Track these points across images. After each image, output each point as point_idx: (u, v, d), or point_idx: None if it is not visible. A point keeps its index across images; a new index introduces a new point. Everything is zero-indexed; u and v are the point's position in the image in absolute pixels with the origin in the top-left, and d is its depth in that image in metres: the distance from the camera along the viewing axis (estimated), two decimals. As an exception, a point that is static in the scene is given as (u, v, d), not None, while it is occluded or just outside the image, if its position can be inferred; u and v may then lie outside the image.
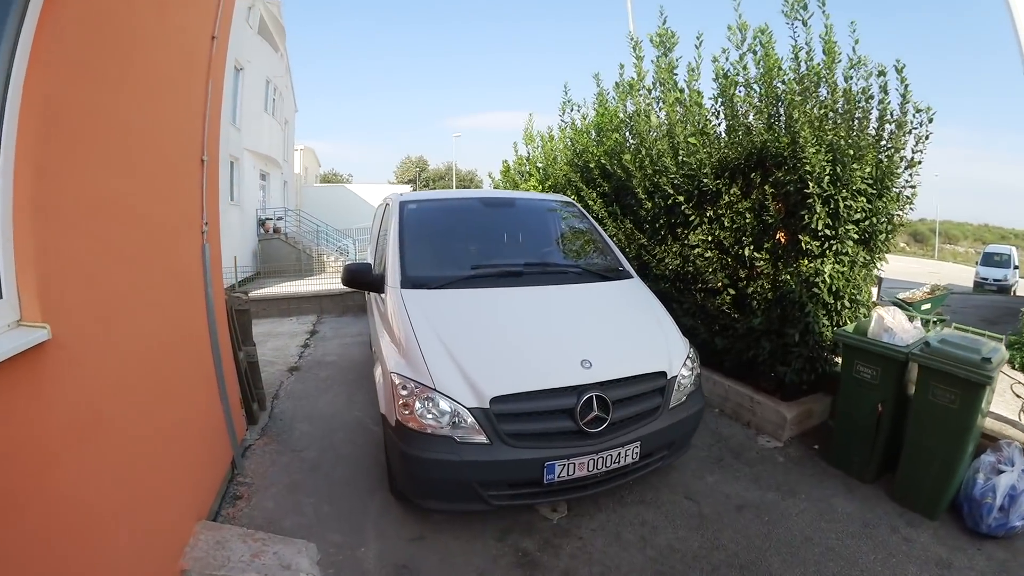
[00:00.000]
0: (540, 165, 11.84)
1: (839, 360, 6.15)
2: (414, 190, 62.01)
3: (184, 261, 4.71)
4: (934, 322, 6.88)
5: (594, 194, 8.92)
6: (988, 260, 35.04)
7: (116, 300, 3.38)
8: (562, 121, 11.00)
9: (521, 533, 4.64)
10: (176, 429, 4.18)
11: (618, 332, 5.06)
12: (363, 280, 5.67)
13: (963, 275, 36.34)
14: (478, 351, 4.46)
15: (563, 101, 10.84)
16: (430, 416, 4.12)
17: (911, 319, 5.41)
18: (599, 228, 6.88)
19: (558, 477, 4.16)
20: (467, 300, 5.12)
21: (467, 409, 4.07)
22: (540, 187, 11.28)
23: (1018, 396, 6.03)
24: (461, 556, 4.37)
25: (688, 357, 4.99)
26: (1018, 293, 32.12)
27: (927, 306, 10.17)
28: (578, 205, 7.47)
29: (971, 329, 5.95)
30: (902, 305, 8.05)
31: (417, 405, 4.15)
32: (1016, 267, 34.47)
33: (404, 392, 4.21)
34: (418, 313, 4.75)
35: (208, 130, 5.08)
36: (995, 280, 32.99)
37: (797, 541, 4.56)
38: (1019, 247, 37.44)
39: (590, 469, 4.24)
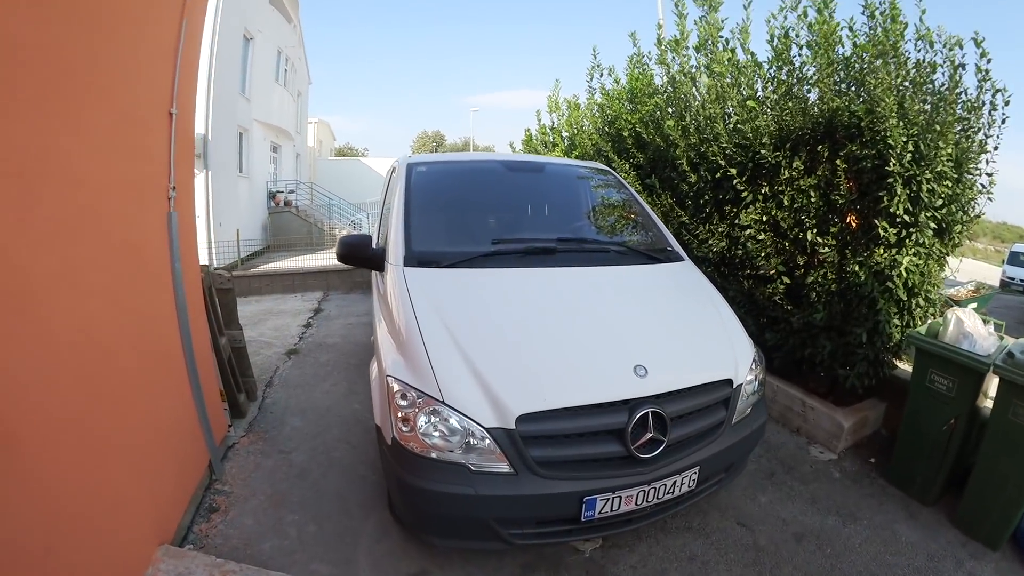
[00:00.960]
0: (565, 134, 11.05)
1: (900, 365, 5.65)
2: None
3: (143, 232, 3.94)
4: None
5: (627, 165, 8.11)
6: (1015, 260, 33.93)
7: (40, 282, 2.72)
8: (590, 87, 10.14)
9: (547, 571, 3.87)
10: (130, 435, 3.45)
11: (675, 329, 4.17)
12: (361, 255, 4.75)
13: (985, 272, 35.56)
14: (500, 352, 3.55)
15: (591, 66, 9.97)
16: (436, 435, 3.24)
17: (985, 322, 4.69)
18: (641, 201, 5.99)
19: (599, 513, 3.32)
20: (486, 283, 4.22)
21: (486, 430, 3.18)
22: (566, 157, 10.35)
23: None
24: None
25: (754, 360, 4.12)
26: None
27: (973, 305, 9.54)
28: (616, 174, 6.60)
29: None
30: (949, 300, 7.28)
31: (420, 421, 3.26)
32: None
33: (404, 403, 3.31)
34: (423, 298, 3.86)
35: (180, 78, 4.32)
36: (1022, 280, 31.98)
37: None
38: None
39: (639, 503, 3.40)
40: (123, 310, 3.52)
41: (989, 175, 5.34)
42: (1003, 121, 5.14)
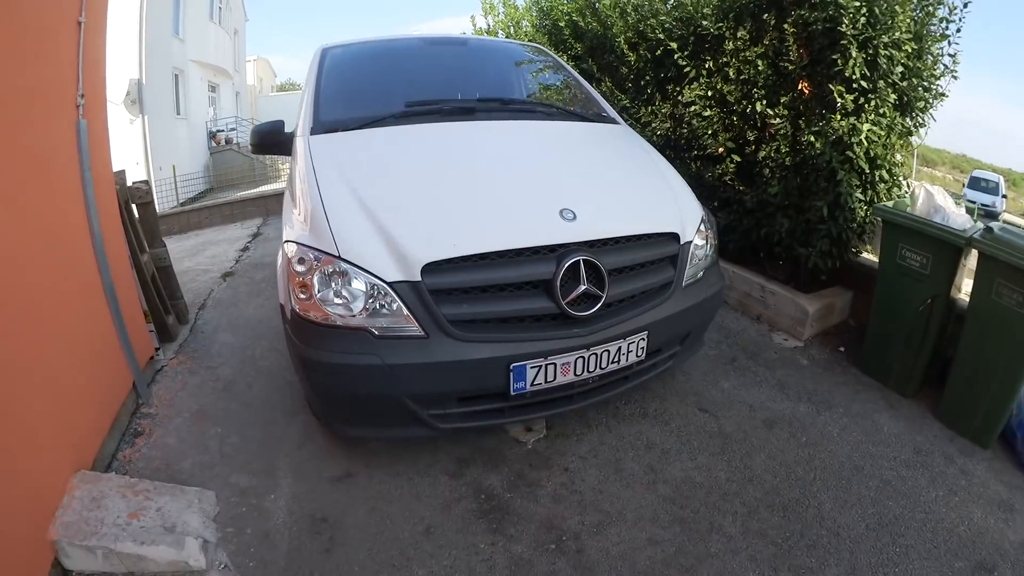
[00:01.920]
0: (502, 33, 10.65)
1: (866, 254, 5.52)
2: None
3: (51, 141, 3.67)
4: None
5: (565, 57, 7.69)
6: (975, 184, 34.70)
7: None
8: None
9: (485, 465, 3.61)
10: (39, 355, 3.17)
11: (610, 179, 3.85)
12: (274, 141, 4.38)
13: None
14: (407, 202, 3.23)
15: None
16: (337, 301, 2.90)
17: (957, 203, 4.39)
18: (579, 78, 5.63)
19: (531, 385, 3.00)
20: (395, 139, 3.88)
21: (388, 285, 2.84)
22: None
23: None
24: (399, 503, 3.33)
25: (703, 221, 3.79)
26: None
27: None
28: (552, 54, 6.25)
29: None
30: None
31: (317, 283, 2.92)
32: (1004, 196, 34.36)
33: (301, 268, 2.96)
34: (325, 159, 3.53)
35: None
36: (983, 205, 32.15)
37: (846, 471, 3.71)
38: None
39: (578, 372, 3.09)
40: (29, 219, 3.27)
41: (952, 55, 5.06)
42: (965, 5, 4.87)
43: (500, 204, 3.28)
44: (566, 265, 2.95)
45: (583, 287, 2.98)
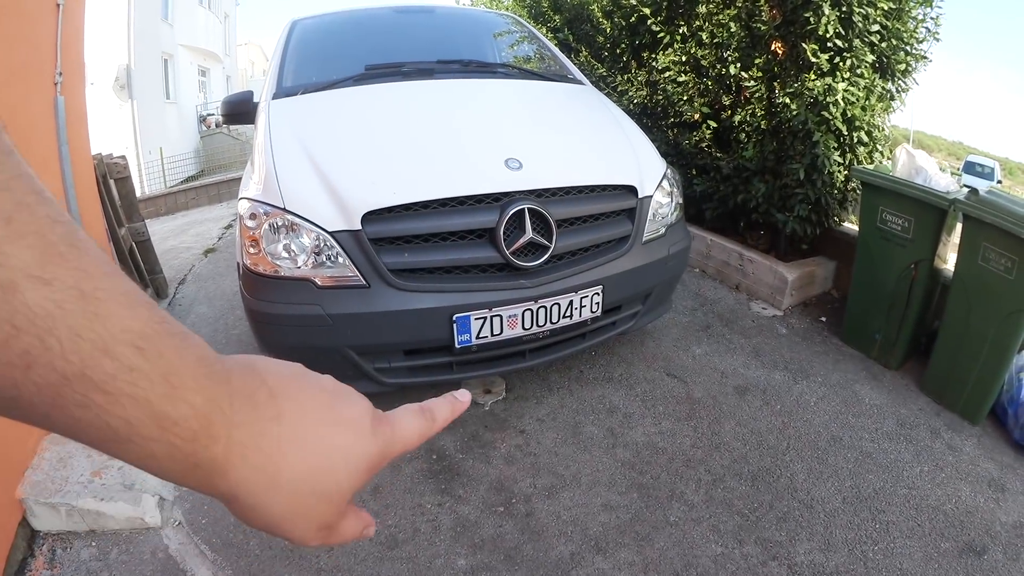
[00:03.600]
0: (484, 5, 10.50)
1: (848, 225, 5.45)
2: None
3: (29, 117, 3.85)
4: None
5: (544, 29, 7.68)
6: (970, 169, 34.33)
7: None
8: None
9: (439, 426, 3.54)
10: None
11: (565, 131, 3.84)
12: (243, 111, 4.37)
13: None
14: (352, 155, 3.25)
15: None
16: (285, 254, 2.91)
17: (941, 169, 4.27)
18: (549, 44, 5.62)
19: (477, 338, 3.00)
20: (349, 99, 3.88)
21: (330, 234, 2.85)
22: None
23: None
24: None
25: (665, 177, 3.75)
26: None
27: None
28: (527, 25, 6.17)
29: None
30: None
31: (265, 234, 2.92)
32: (999, 181, 33.93)
33: (252, 223, 2.97)
34: (281, 122, 3.53)
35: None
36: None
37: (823, 441, 3.61)
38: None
39: (527, 326, 3.08)
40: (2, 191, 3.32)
41: (934, 18, 5.01)
42: None
43: (446, 155, 3.27)
44: (510, 213, 2.93)
45: (528, 236, 2.95)
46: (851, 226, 5.57)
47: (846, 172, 5.04)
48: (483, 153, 3.26)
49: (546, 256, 3.01)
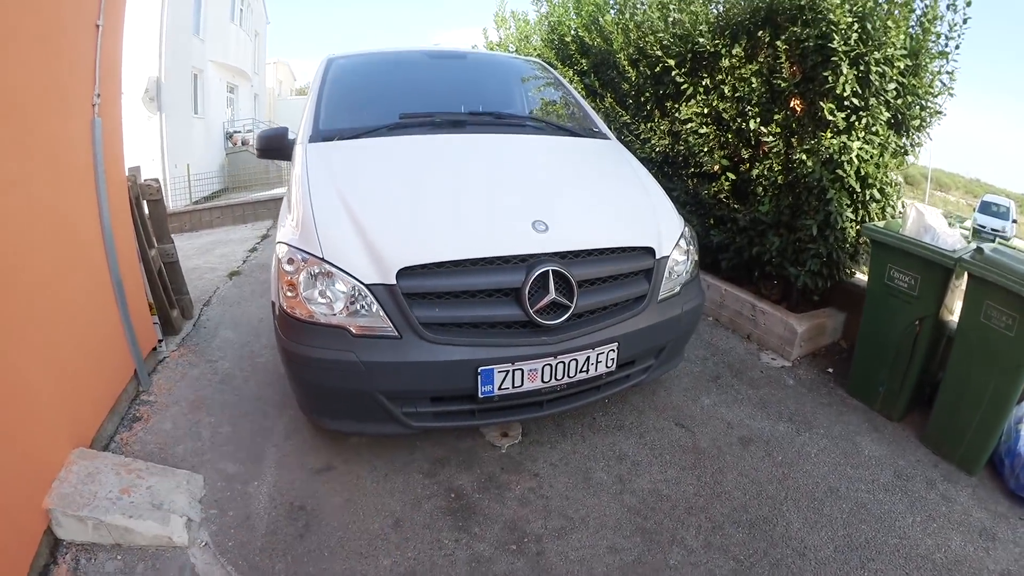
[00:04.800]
0: (512, 48, 10.77)
1: (857, 273, 5.49)
2: None
3: (67, 136, 3.88)
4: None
5: (571, 72, 7.87)
6: (986, 209, 34.98)
7: None
8: (536, -1, 9.95)
9: (458, 466, 3.73)
10: (44, 336, 3.36)
11: (589, 192, 3.98)
12: (277, 147, 4.54)
13: None
14: (389, 209, 3.38)
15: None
16: (321, 300, 3.07)
17: (950, 224, 4.37)
18: (576, 94, 5.75)
19: (499, 389, 3.13)
20: (385, 149, 4.04)
21: (366, 286, 3.00)
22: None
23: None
24: (374, 497, 3.46)
25: (683, 236, 3.89)
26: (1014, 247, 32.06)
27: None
28: (552, 71, 6.35)
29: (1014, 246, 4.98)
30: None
31: (303, 281, 3.08)
32: (1014, 221, 34.27)
33: (290, 268, 3.13)
34: (319, 167, 3.69)
35: None
36: (993, 230, 32.78)
37: (820, 492, 3.70)
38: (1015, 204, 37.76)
39: (546, 379, 3.21)
40: (42, 210, 3.48)
41: (950, 73, 5.09)
42: (964, 22, 4.88)
43: (477, 213, 3.42)
44: (535, 275, 3.08)
45: (551, 297, 3.10)
46: (862, 277, 5.64)
47: (858, 228, 5.13)
48: (512, 213, 3.40)
49: (567, 315, 3.15)
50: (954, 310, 4.23)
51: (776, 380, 5.02)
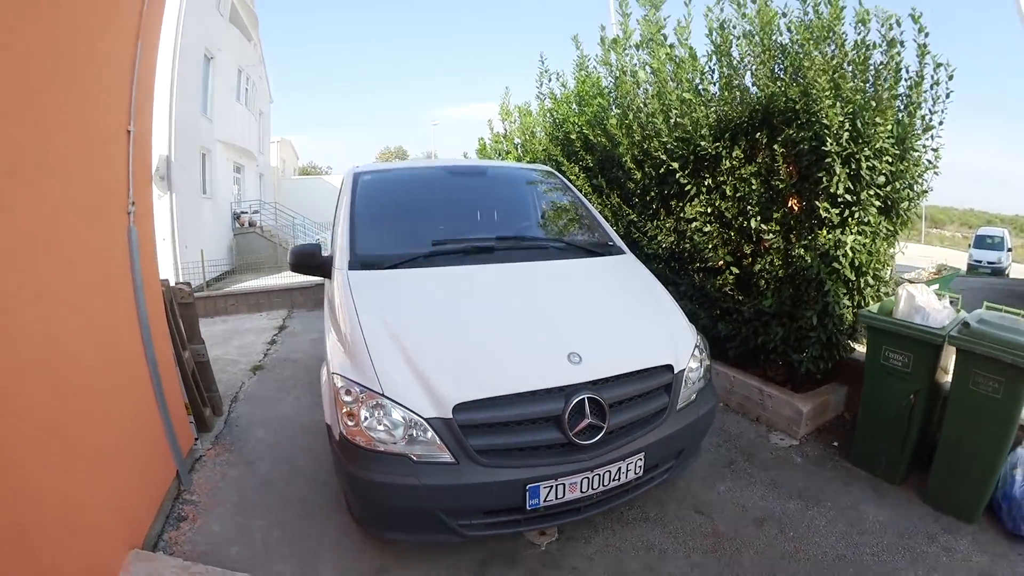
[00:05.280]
0: (518, 141, 11.15)
1: (856, 346, 5.77)
2: None
3: (105, 246, 4.04)
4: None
5: (576, 168, 8.26)
6: (981, 243, 35.18)
7: (8, 291, 2.82)
8: (540, 93, 10.29)
9: (503, 565, 3.94)
10: (97, 441, 3.57)
11: (612, 318, 4.30)
12: (311, 263, 4.85)
13: (952, 258, 36.76)
14: (437, 346, 3.68)
15: (540, 71, 10.10)
16: (380, 429, 3.35)
17: (940, 297, 4.81)
18: (585, 201, 6.11)
19: (544, 501, 3.42)
20: (426, 281, 4.36)
21: (425, 420, 3.30)
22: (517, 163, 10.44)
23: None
24: None
25: (696, 347, 4.24)
26: (1011, 276, 32.25)
27: (936, 287, 9.76)
28: (560, 176, 6.70)
29: (1004, 308, 5.31)
30: (900, 281, 7.51)
31: (364, 415, 3.37)
32: (1010, 249, 34.78)
33: (348, 399, 3.43)
34: (365, 299, 3.99)
35: (137, 98, 4.41)
36: (989, 263, 33.14)
37: (829, 559, 3.97)
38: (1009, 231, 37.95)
39: (584, 490, 3.50)
40: (88, 320, 3.62)
41: (935, 150, 5.41)
42: (947, 96, 5.21)
43: (518, 348, 3.74)
44: (573, 403, 3.41)
45: (587, 421, 3.42)
46: (861, 349, 5.89)
47: (854, 313, 5.48)
48: (549, 347, 3.72)
49: (601, 435, 3.46)
50: (948, 369, 4.58)
51: (785, 459, 5.31)
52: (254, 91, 34.37)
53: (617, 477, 3.59)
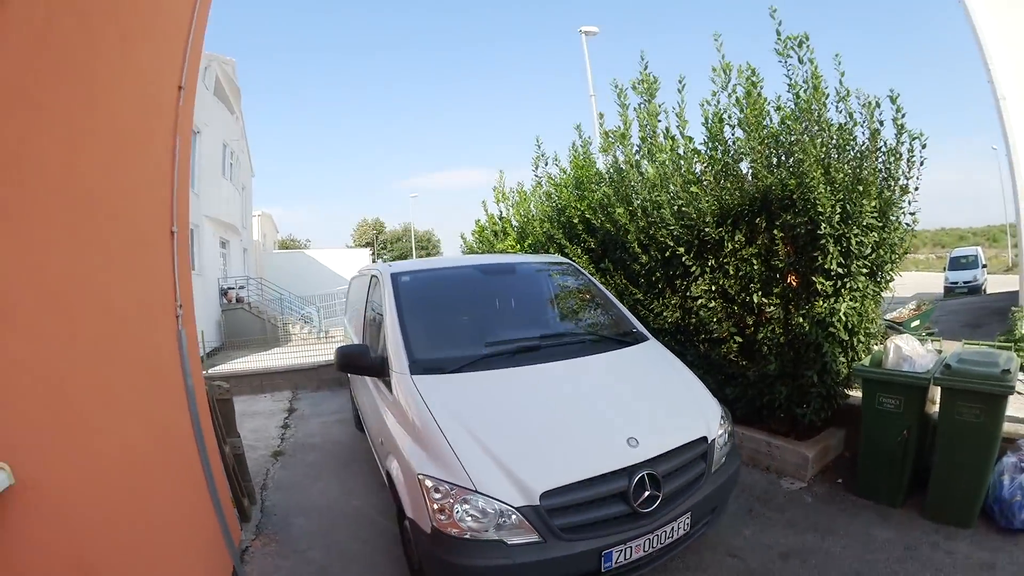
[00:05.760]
0: (516, 223, 11.59)
1: (851, 393, 6.48)
2: (373, 254, 64.43)
3: (159, 350, 4.23)
4: (923, 337, 6.86)
5: (579, 250, 8.72)
6: (955, 264, 36.35)
7: (82, 413, 2.99)
8: (536, 176, 10.79)
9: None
10: (167, 546, 3.83)
11: (653, 402, 4.84)
12: (361, 364, 5.28)
13: (928, 282, 37.60)
14: (514, 441, 4.14)
15: (536, 156, 10.62)
16: (471, 519, 3.78)
17: (922, 343, 5.60)
18: (606, 292, 6.64)
19: (615, 564, 3.90)
20: (487, 383, 4.78)
21: (515, 509, 3.74)
22: (519, 246, 10.99)
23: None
24: None
25: (722, 417, 4.82)
26: (988, 291, 33.06)
27: (916, 323, 10.26)
28: (576, 265, 7.23)
29: (982, 342, 5.94)
30: (892, 325, 7.99)
31: (456, 509, 3.80)
32: (984, 265, 35.97)
33: (438, 495, 3.86)
34: (438, 402, 4.40)
35: (177, 196, 4.64)
36: (965, 282, 34.23)
37: None
38: (980, 244, 38.69)
39: (646, 549, 4.00)
40: (152, 427, 3.89)
41: (912, 214, 6.13)
42: (921, 163, 5.89)
43: (583, 437, 4.25)
44: (636, 480, 3.93)
45: (648, 493, 3.95)
46: (854, 394, 6.59)
47: (849, 368, 6.12)
48: (609, 436, 4.23)
49: (657, 503, 3.99)
50: (936, 401, 5.43)
51: (797, 500, 5.93)
52: (238, 165, 34.34)
53: (671, 535, 4.11)
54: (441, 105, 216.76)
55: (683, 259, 6.89)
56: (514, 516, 3.73)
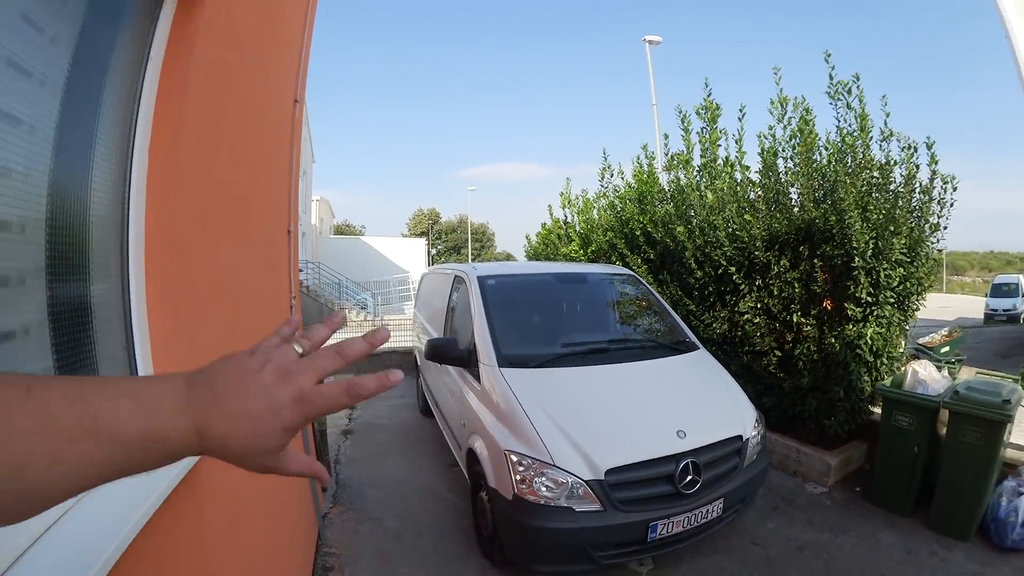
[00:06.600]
0: (579, 229, 12.07)
1: (875, 409, 6.98)
2: (428, 244, 63.41)
3: None
4: (951, 362, 7.66)
5: (639, 260, 9.41)
6: (997, 291, 36.00)
7: None
8: (602, 186, 11.43)
9: (615, 587, 5.05)
10: (287, 502, 4.37)
11: (700, 402, 5.46)
12: (450, 356, 5.93)
13: (972, 306, 37.30)
14: (587, 426, 4.78)
15: (602, 167, 11.27)
16: (546, 489, 4.44)
17: (939, 368, 6.16)
18: (663, 301, 7.30)
19: (659, 535, 4.52)
20: (563, 378, 5.43)
21: (584, 481, 4.40)
22: (582, 252, 11.51)
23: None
24: None
25: (756, 420, 5.44)
26: None
27: (946, 349, 10.68)
28: (638, 276, 7.93)
29: (994, 373, 6.55)
30: (923, 350, 8.49)
31: (536, 480, 4.47)
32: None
33: (521, 468, 4.54)
34: (523, 392, 5.06)
35: (293, 197, 5.09)
36: (1004, 310, 33.83)
37: (854, 571, 5.17)
38: (1026, 272, 38.11)
39: (685, 526, 4.61)
40: None
41: (940, 250, 6.75)
42: (952, 204, 6.46)
43: (642, 427, 4.90)
44: (681, 465, 4.59)
45: (690, 477, 4.61)
46: (877, 410, 7.04)
47: (872, 385, 6.72)
48: (663, 426, 4.86)
49: (698, 486, 4.64)
50: (945, 422, 5.79)
51: (818, 503, 6.54)
52: (301, 152, 34.20)
53: (706, 516, 4.73)
54: (508, 100, 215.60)
55: (734, 277, 7.60)
56: (582, 488, 4.39)
